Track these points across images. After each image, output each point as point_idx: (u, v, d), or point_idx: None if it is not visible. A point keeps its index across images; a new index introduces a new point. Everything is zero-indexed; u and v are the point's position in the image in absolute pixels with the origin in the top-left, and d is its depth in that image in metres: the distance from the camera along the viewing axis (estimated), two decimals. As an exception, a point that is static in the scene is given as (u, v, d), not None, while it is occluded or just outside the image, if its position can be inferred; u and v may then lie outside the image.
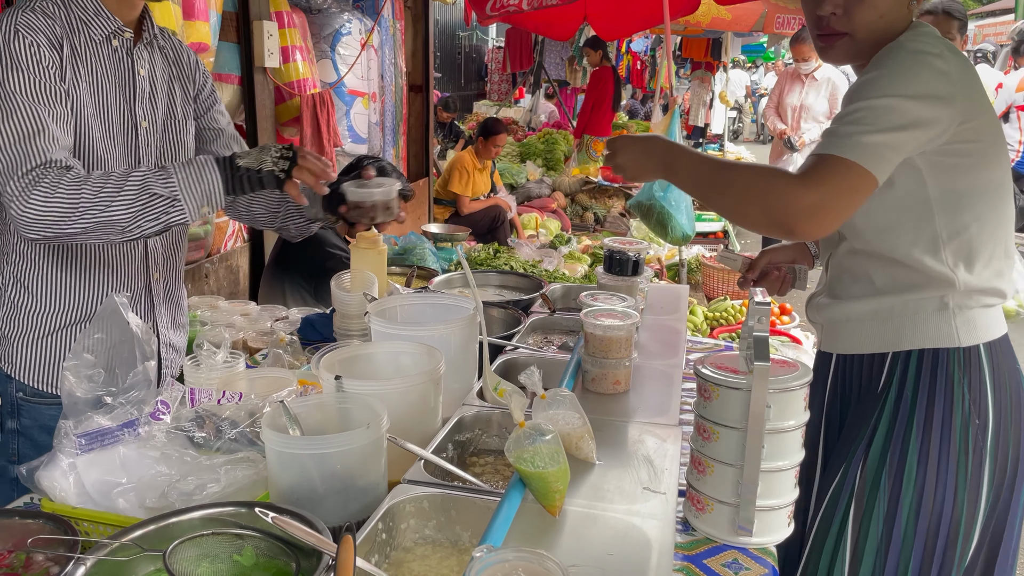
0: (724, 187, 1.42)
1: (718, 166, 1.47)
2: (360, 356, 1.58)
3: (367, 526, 1.16)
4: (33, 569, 1.14)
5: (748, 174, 1.40)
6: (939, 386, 1.44)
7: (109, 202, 1.48)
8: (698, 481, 1.31)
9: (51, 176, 1.47)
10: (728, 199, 1.42)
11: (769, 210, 1.33)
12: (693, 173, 1.49)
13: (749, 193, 1.37)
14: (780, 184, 1.33)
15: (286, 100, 3.92)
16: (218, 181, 1.53)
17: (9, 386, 1.67)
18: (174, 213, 1.52)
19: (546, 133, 9.09)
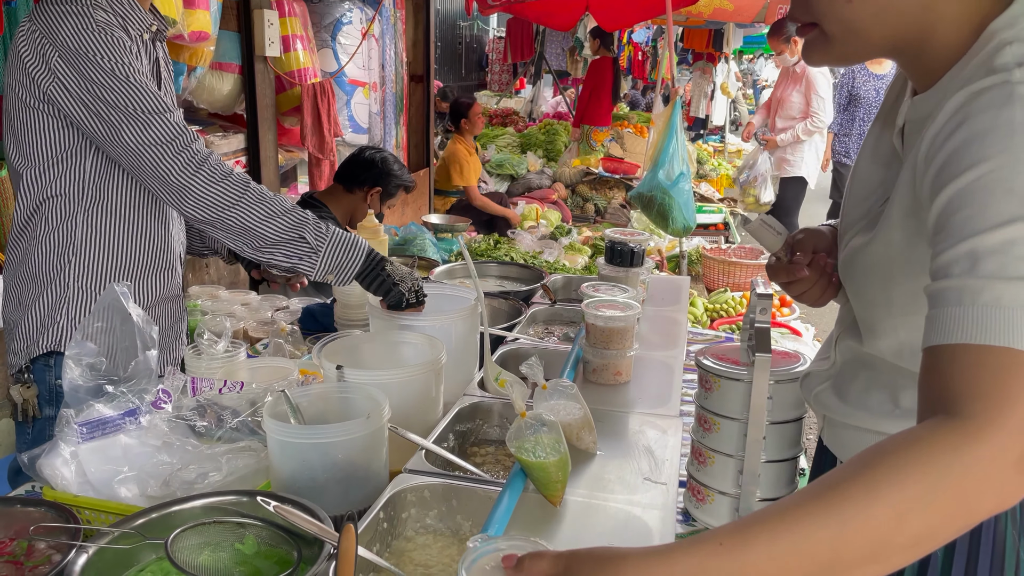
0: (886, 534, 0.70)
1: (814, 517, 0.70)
2: (361, 346, 1.58)
3: (368, 515, 1.17)
4: (35, 557, 1.15)
5: (908, 485, 0.70)
6: (983, 547, 1.02)
7: (264, 218, 1.56)
8: (699, 472, 1.31)
9: (218, 164, 1.55)
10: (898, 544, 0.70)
11: (972, 511, 0.71)
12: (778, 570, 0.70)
13: (934, 512, 0.70)
14: (969, 459, 0.70)
15: (287, 89, 3.91)
16: (356, 268, 1.62)
17: (49, 374, 1.69)
18: (305, 263, 1.60)
19: (547, 124, 9.07)
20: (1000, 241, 0.75)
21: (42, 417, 1.71)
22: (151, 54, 1.70)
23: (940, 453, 0.70)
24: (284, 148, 4.10)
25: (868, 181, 1.11)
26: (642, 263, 2.12)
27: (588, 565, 0.73)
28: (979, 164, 0.79)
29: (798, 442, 1.29)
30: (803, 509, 0.71)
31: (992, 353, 0.72)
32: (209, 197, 1.54)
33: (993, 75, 0.82)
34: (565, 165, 7.84)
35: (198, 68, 3.30)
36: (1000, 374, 0.71)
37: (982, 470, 0.69)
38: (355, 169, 3.28)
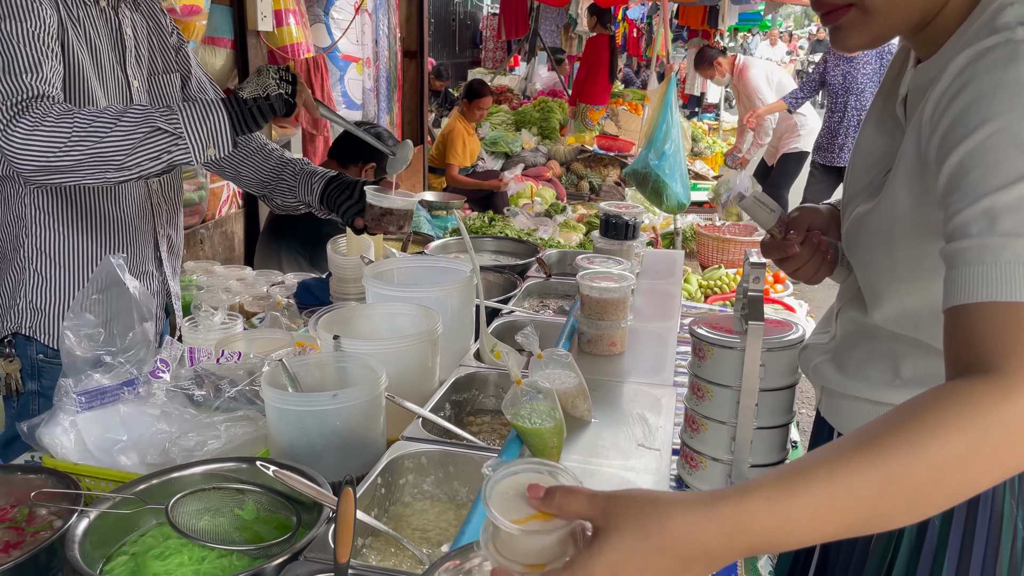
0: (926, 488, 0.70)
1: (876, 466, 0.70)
2: (358, 317, 1.59)
3: (366, 481, 1.18)
4: (36, 523, 1.16)
5: (934, 445, 0.70)
6: (980, 518, 1.03)
7: (104, 134, 1.40)
8: (692, 439, 1.33)
9: (41, 107, 1.40)
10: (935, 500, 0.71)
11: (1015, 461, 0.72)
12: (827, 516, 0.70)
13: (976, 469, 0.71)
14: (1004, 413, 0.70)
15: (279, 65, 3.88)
16: (224, 118, 1.46)
17: (30, 348, 1.68)
18: (177, 152, 1.45)
19: (541, 101, 9.02)
20: (1016, 197, 0.75)
21: (25, 391, 1.70)
22: (111, 23, 1.64)
23: (980, 409, 0.69)
24: (277, 124, 4.08)
25: (871, 152, 1.11)
26: (636, 236, 2.13)
27: (630, 511, 0.69)
28: (988, 122, 0.79)
29: (790, 409, 1.31)
30: (847, 461, 0.70)
31: (1021, 309, 0.72)
32: (34, 145, 1.37)
33: (996, 34, 0.83)
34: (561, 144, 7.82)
35: (190, 43, 3.27)
36: None
37: (1020, 425, 0.69)
38: (349, 144, 3.27)
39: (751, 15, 11.67)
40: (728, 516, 0.68)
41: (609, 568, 0.67)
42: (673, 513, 0.68)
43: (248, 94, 1.48)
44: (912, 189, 0.97)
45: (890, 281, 1.07)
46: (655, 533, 0.67)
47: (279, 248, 3.14)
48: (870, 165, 1.11)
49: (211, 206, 3.61)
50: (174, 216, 1.88)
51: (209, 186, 3.54)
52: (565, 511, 0.70)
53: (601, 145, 7.61)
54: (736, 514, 0.69)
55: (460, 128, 6.09)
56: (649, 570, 0.68)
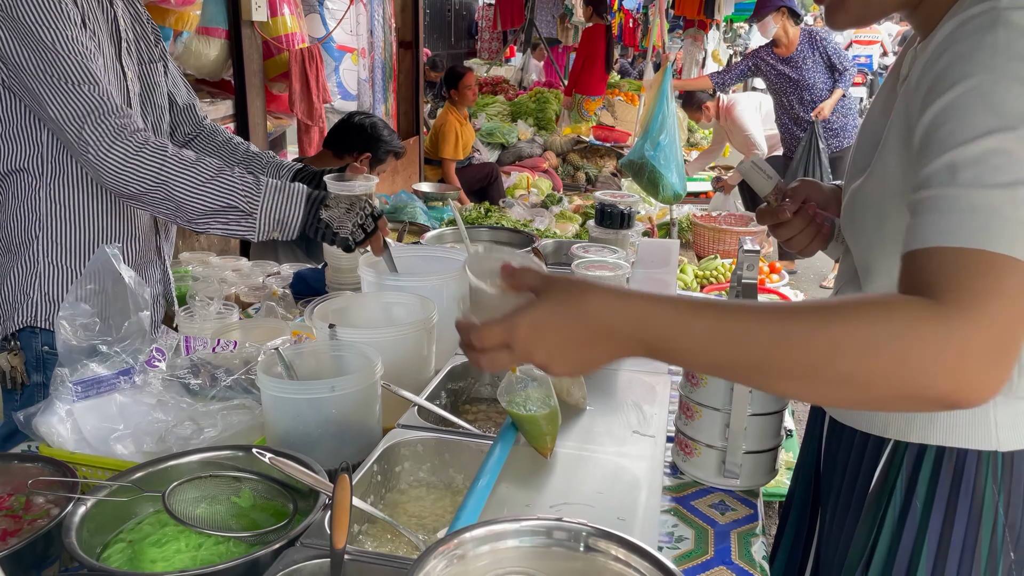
0: (818, 359, 0.75)
1: (780, 323, 0.77)
2: (353, 306, 1.59)
3: (362, 468, 1.19)
4: (33, 511, 1.17)
5: (862, 327, 0.74)
6: (961, 500, 1.03)
7: (190, 189, 1.51)
8: (686, 426, 1.34)
9: (136, 133, 1.50)
10: (826, 378, 0.76)
11: (913, 383, 0.74)
12: (716, 347, 0.79)
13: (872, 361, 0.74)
14: (929, 332, 0.73)
15: (274, 55, 3.87)
16: (298, 221, 1.56)
17: (35, 340, 1.68)
18: (242, 230, 1.55)
19: (537, 92, 9.00)
20: (978, 152, 0.78)
21: (30, 384, 1.70)
22: (107, 13, 1.65)
23: (902, 316, 0.74)
24: (272, 114, 4.07)
25: (874, 133, 1.12)
26: (631, 225, 2.13)
27: (562, 285, 0.84)
28: (962, 82, 0.82)
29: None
30: (758, 311, 0.77)
31: (967, 254, 0.75)
32: (129, 170, 1.49)
33: (981, 3, 0.85)
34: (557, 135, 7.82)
35: (184, 33, 3.26)
36: (973, 272, 0.74)
37: (938, 348, 0.72)
38: (345, 135, 3.26)
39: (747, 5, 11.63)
40: (637, 308, 0.80)
41: (531, 322, 0.83)
42: (594, 292, 0.82)
43: (326, 217, 1.56)
44: (901, 156, 0.99)
45: (880, 255, 1.08)
46: (574, 303, 0.82)
47: (274, 239, 3.14)
48: (871, 146, 1.12)
49: (206, 197, 3.60)
50: None
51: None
52: (520, 283, 0.88)
53: (597, 136, 7.60)
54: (645, 309, 0.80)
55: (452, 120, 6.07)
56: (562, 331, 0.82)
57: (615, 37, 11.02)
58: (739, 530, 1.21)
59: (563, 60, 11.33)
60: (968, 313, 0.73)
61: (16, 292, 1.66)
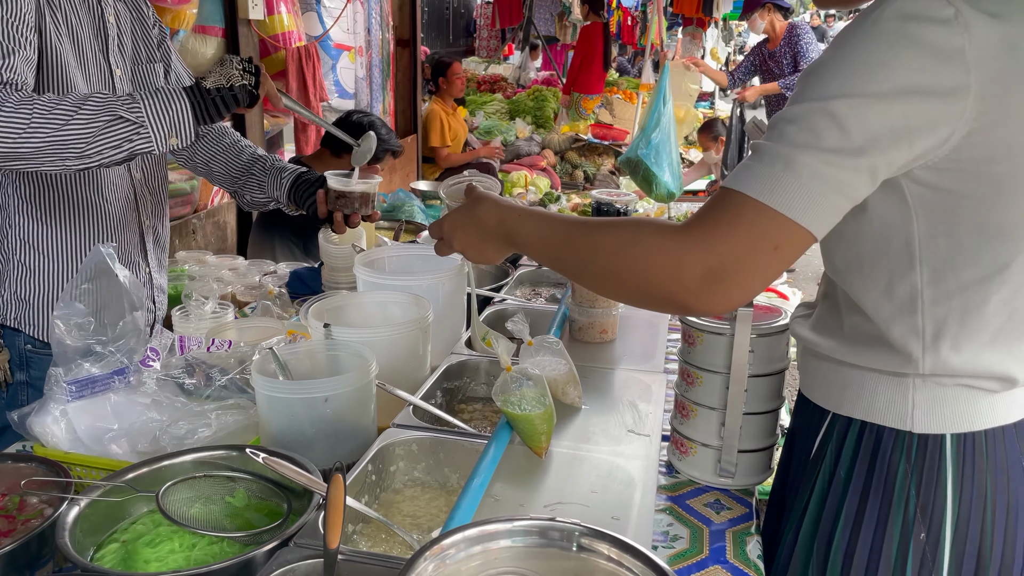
0: (585, 256, 1.00)
1: (570, 228, 1.04)
2: (349, 305, 1.59)
3: (357, 468, 1.19)
4: (27, 511, 1.16)
5: (615, 235, 0.97)
6: (877, 476, 1.06)
7: (64, 122, 1.39)
8: (682, 425, 1.34)
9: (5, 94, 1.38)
10: (592, 272, 1.01)
11: (649, 283, 0.93)
12: (538, 241, 1.09)
13: (618, 262, 0.95)
14: (662, 244, 0.92)
15: (271, 54, 3.86)
16: (187, 108, 1.46)
17: (17, 339, 1.67)
18: (139, 141, 1.44)
19: (535, 90, 8.99)
20: (794, 113, 0.89)
21: (14, 382, 1.69)
22: (93, 11, 1.63)
23: (646, 231, 0.95)
24: (269, 113, 4.06)
25: None
26: (628, 224, 2.13)
27: (475, 198, 1.21)
28: (819, 57, 0.92)
29: (779, 394, 1.31)
30: (565, 222, 1.07)
31: (727, 192, 0.91)
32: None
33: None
34: (555, 133, 7.81)
35: (180, 31, 3.25)
36: (720, 206, 0.90)
37: (663, 257, 0.92)
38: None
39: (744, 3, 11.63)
40: (501, 211, 1.16)
41: (449, 222, 1.22)
42: (484, 201, 1.19)
43: (211, 84, 1.48)
44: None
45: None
46: (471, 209, 1.19)
47: (272, 237, 3.14)
48: None
49: (203, 196, 3.60)
50: (159, 208, 1.86)
51: (201, 176, 3.53)
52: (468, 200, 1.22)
53: (595, 134, 7.59)
54: (505, 212, 1.16)
55: (437, 109, 6.04)
56: (466, 228, 1.20)
57: (613, 35, 11.02)
58: (734, 529, 1.21)
59: (561, 58, 11.32)
60: (696, 235, 0.90)
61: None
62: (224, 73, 1.50)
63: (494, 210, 1.17)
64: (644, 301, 0.98)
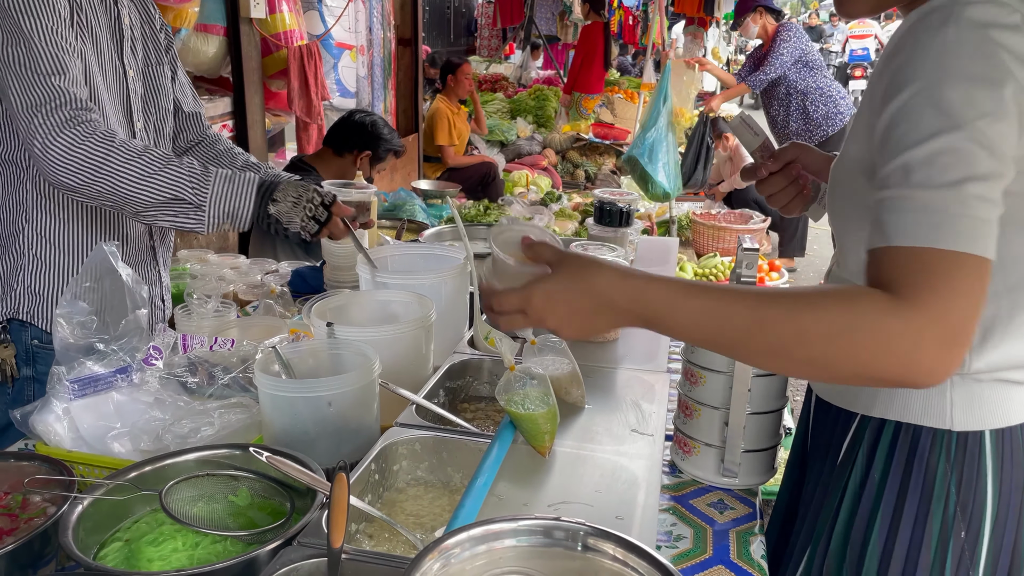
0: (787, 343, 0.85)
1: (758, 308, 0.86)
2: (351, 304, 1.59)
3: (360, 467, 1.18)
4: (30, 510, 1.16)
5: (827, 318, 0.83)
6: (915, 476, 1.07)
7: (136, 181, 1.47)
8: (685, 424, 1.34)
9: (86, 124, 1.45)
10: (795, 359, 0.86)
11: (875, 368, 0.82)
12: (704, 325, 0.89)
13: (835, 351, 0.83)
14: (888, 327, 0.81)
15: (273, 52, 3.86)
16: (248, 213, 1.54)
17: (24, 334, 1.68)
18: (191, 223, 1.53)
19: (537, 90, 8.99)
20: (927, 153, 0.84)
21: (20, 377, 1.70)
22: (110, 10, 1.64)
23: (863, 308, 0.82)
24: (271, 112, 4.06)
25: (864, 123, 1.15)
26: (630, 223, 2.12)
27: (573, 261, 0.97)
28: (913, 83, 0.87)
29: (783, 394, 1.31)
30: (741, 295, 0.88)
31: (920, 253, 0.82)
32: (71, 161, 1.44)
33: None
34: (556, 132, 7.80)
35: (182, 30, 3.25)
36: (926, 269, 0.82)
37: (892, 339, 0.80)
38: (345, 132, 3.26)
39: (747, 2, 11.61)
40: (635, 286, 0.92)
41: (544, 294, 0.95)
42: (600, 270, 0.94)
43: (275, 212, 1.54)
44: (862, 143, 1.02)
45: (845, 230, 1.13)
46: (583, 279, 0.94)
47: (273, 237, 3.13)
48: None
49: (205, 195, 3.60)
50: None
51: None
52: (537, 256, 1.01)
53: (597, 133, 7.59)
54: (641, 288, 0.91)
55: (443, 108, 6.05)
56: (571, 303, 0.94)
57: (615, 34, 11.02)
58: (738, 529, 1.20)
59: (562, 57, 11.31)
60: (922, 307, 0.80)
61: (1, 284, 1.66)
62: (292, 211, 1.55)
63: (622, 284, 0.92)
64: (858, 380, 0.86)
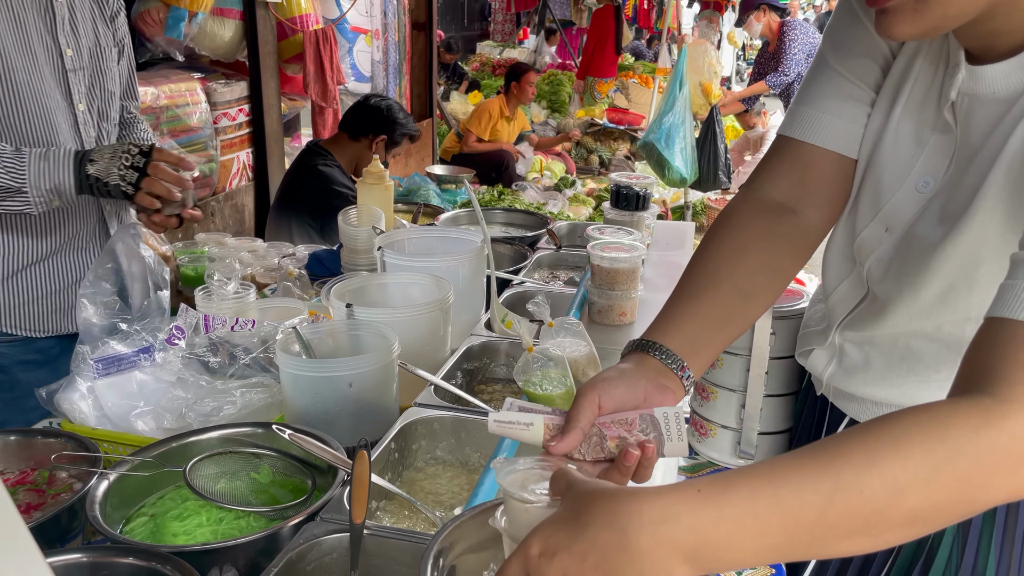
0: (877, 508, 0.64)
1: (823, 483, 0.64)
2: (370, 286, 1.60)
3: (380, 445, 1.20)
4: (56, 485, 1.19)
5: (915, 460, 0.64)
6: None
7: None
8: (702, 407, 1.34)
9: None
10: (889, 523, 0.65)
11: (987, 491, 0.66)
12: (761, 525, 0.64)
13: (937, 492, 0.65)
14: (993, 442, 0.65)
15: (288, 36, 3.87)
16: (71, 182, 1.51)
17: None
18: (19, 205, 1.50)
19: (551, 74, 8.96)
20: None
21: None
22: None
23: (956, 431, 0.65)
24: (287, 96, 4.07)
25: (907, 162, 1.01)
26: (647, 207, 2.12)
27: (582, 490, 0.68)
28: None
29: (798, 378, 1.31)
30: (795, 466, 0.66)
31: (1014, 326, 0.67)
32: None
33: None
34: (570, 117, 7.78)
35: (199, 14, 3.26)
36: None
37: (998, 454, 0.64)
38: (360, 117, 3.26)
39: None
40: (654, 505, 0.64)
41: (542, 540, 0.66)
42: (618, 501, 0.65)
43: (93, 171, 1.51)
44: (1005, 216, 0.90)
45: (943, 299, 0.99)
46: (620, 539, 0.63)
47: (290, 220, 3.16)
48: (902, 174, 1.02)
49: (221, 178, 3.62)
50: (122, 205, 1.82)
51: (219, 159, 3.55)
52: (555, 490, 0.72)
53: (611, 119, 7.56)
54: (663, 502, 0.64)
55: (496, 107, 6.15)
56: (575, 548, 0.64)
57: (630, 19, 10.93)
58: (754, 510, 1.21)
59: (577, 42, 11.25)
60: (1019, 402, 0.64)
61: None
62: (108, 167, 1.51)
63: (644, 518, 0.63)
64: (974, 514, 0.68)
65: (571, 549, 0.64)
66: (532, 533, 0.67)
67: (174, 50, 3.29)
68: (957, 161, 0.95)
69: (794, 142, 1.07)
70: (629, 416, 0.86)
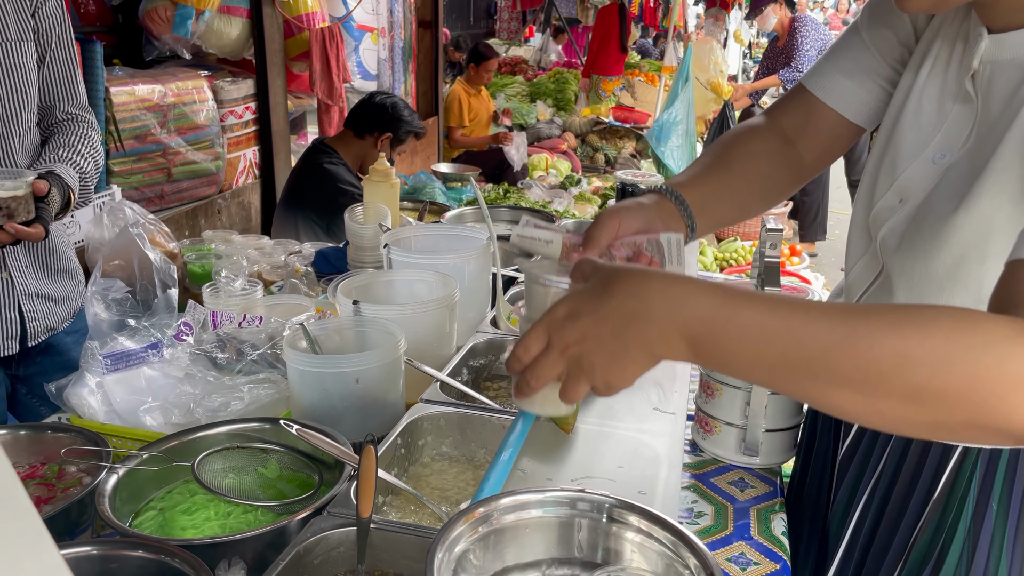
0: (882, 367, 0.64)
1: (826, 316, 0.67)
2: (376, 283, 1.61)
3: (386, 441, 1.21)
4: (66, 479, 1.20)
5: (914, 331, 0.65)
6: None
7: None
8: (706, 404, 1.35)
9: None
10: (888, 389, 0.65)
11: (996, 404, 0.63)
12: (767, 337, 0.67)
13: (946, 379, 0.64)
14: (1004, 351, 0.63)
15: (295, 34, 3.87)
16: None
17: None
18: None
19: (556, 72, 8.95)
20: None
21: None
22: None
23: (989, 334, 0.64)
24: (293, 94, 4.08)
25: (929, 133, 1.02)
26: (653, 205, 2.12)
27: (607, 269, 0.76)
28: None
29: (805, 375, 1.32)
30: (819, 308, 0.67)
31: None
32: None
33: None
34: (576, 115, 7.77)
35: (206, 12, 3.27)
36: None
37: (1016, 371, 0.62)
38: (365, 114, 3.27)
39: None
40: (678, 293, 0.70)
41: (568, 311, 0.73)
42: (632, 273, 0.73)
43: None
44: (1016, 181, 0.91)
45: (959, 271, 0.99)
46: (612, 282, 0.73)
47: (296, 218, 3.17)
48: (920, 146, 1.03)
49: (228, 176, 3.63)
50: None
51: (226, 156, 3.56)
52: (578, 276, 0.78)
53: (617, 117, 7.55)
54: (685, 294, 0.69)
55: (459, 91, 6.11)
56: (599, 322, 0.71)
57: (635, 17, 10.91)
58: (759, 507, 1.22)
59: (583, 40, 11.24)
60: None
61: None
62: None
63: (661, 287, 0.70)
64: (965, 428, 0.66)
65: (595, 314, 0.71)
66: (560, 301, 0.75)
67: (181, 48, 3.30)
68: (977, 132, 0.98)
69: (805, 90, 1.21)
70: (638, 239, 0.97)
